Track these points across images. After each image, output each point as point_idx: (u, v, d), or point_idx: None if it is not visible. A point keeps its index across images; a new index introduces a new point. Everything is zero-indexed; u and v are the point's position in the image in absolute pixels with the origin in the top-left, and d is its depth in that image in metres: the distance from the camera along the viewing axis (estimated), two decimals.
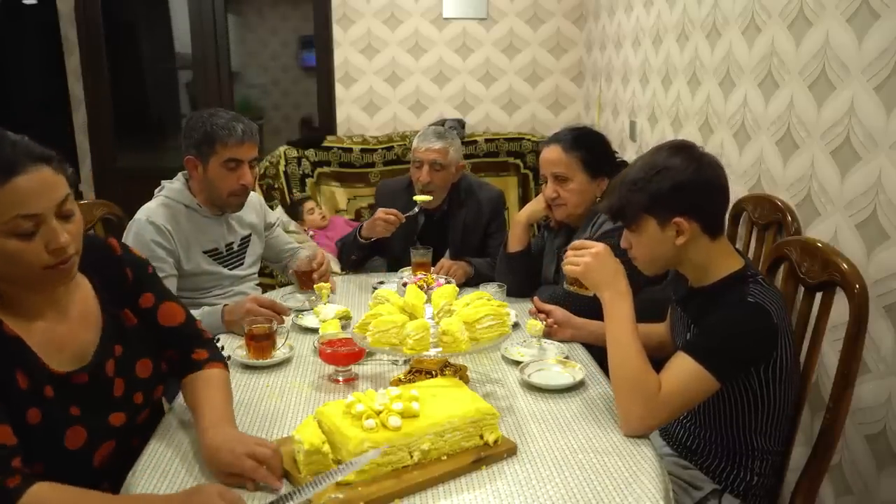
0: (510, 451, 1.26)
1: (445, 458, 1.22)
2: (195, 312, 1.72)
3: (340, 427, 1.18)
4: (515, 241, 2.16)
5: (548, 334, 1.80)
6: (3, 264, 1.10)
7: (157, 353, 1.36)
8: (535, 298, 1.88)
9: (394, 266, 2.51)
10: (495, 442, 1.25)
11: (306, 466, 1.15)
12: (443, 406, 1.25)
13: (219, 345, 1.51)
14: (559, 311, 1.81)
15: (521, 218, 2.17)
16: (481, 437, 1.25)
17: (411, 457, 1.19)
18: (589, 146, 2.02)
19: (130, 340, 1.31)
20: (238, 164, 2.01)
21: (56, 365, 1.18)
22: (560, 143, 2.02)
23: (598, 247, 1.48)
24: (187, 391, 1.38)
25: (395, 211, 2.32)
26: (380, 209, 2.35)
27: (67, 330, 1.22)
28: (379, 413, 1.20)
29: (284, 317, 1.83)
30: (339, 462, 1.16)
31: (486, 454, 1.23)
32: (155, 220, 1.97)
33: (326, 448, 1.16)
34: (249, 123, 2.03)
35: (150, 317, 1.37)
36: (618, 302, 1.42)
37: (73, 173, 1.16)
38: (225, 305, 1.92)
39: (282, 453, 1.19)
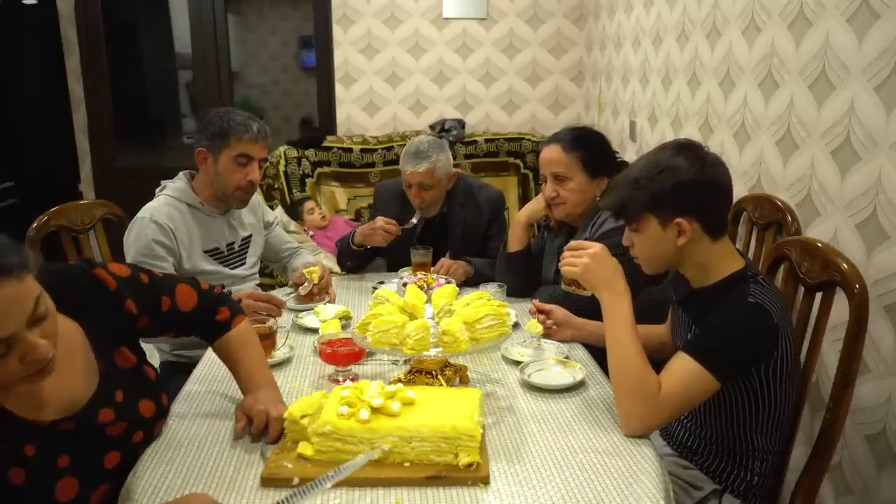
0: (477, 479, 1.16)
1: (408, 464, 1.19)
2: None
3: (325, 407, 1.23)
4: (515, 240, 2.16)
5: (547, 334, 1.80)
6: None
7: (156, 393, 1.32)
8: (535, 300, 1.88)
9: (394, 266, 2.51)
10: (468, 466, 1.17)
11: (289, 434, 1.24)
12: (424, 414, 1.22)
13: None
14: (559, 311, 1.81)
15: (520, 218, 2.17)
16: (457, 455, 1.19)
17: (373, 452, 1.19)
18: (589, 146, 2.02)
19: (130, 383, 1.26)
20: (248, 161, 2.04)
21: (40, 416, 1.11)
22: (560, 142, 2.02)
23: (596, 247, 1.47)
24: (222, 353, 1.47)
25: (394, 221, 2.31)
26: (380, 218, 2.33)
27: (53, 381, 1.10)
28: (358, 402, 1.22)
29: (283, 313, 1.84)
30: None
31: (447, 474, 1.17)
32: (158, 219, 1.98)
33: (305, 421, 1.21)
34: (264, 125, 2.08)
35: (173, 314, 1.37)
36: (616, 302, 1.42)
37: (36, 262, 1.00)
38: None
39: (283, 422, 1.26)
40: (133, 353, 1.30)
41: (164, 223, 1.98)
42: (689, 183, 1.36)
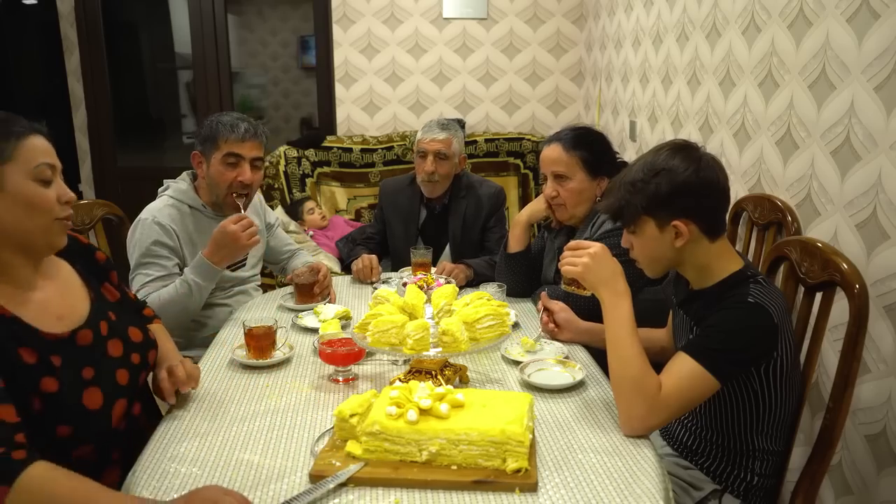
0: (525, 486, 1.14)
1: (455, 468, 1.18)
2: (167, 290, 1.95)
3: (374, 406, 1.25)
4: (515, 241, 2.16)
5: (551, 333, 1.79)
6: (24, 213, 1.21)
7: (142, 323, 1.50)
8: (544, 294, 1.87)
9: (397, 266, 2.53)
10: (516, 472, 1.16)
11: (338, 432, 1.25)
12: (473, 417, 1.21)
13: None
14: (563, 314, 1.80)
15: (521, 218, 2.17)
16: (505, 460, 1.17)
17: (420, 454, 1.19)
18: (589, 145, 2.02)
19: (118, 310, 1.45)
20: (238, 160, 2.04)
21: (59, 329, 1.27)
22: (561, 141, 2.02)
23: (596, 247, 1.47)
24: None
25: (374, 265, 2.33)
26: (364, 256, 2.35)
27: (60, 298, 1.32)
28: (407, 402, 1.22)
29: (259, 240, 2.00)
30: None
31: (493, 479, 1.15)
32: (161, 220, 1.99)
33: (354, 420, 1.22)
34: (256, 125, 2.08)
35: (129, 304, 1.56)
36: (617, 302, 1.42)
37: None
38: (201, 253, 1.97)
39: (180, 370, 1.43)
40: (116, 290, 1.50)
41: (166, 224, 1.99)
42: (685, 185, 1.35)
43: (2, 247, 1.22)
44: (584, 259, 1.46)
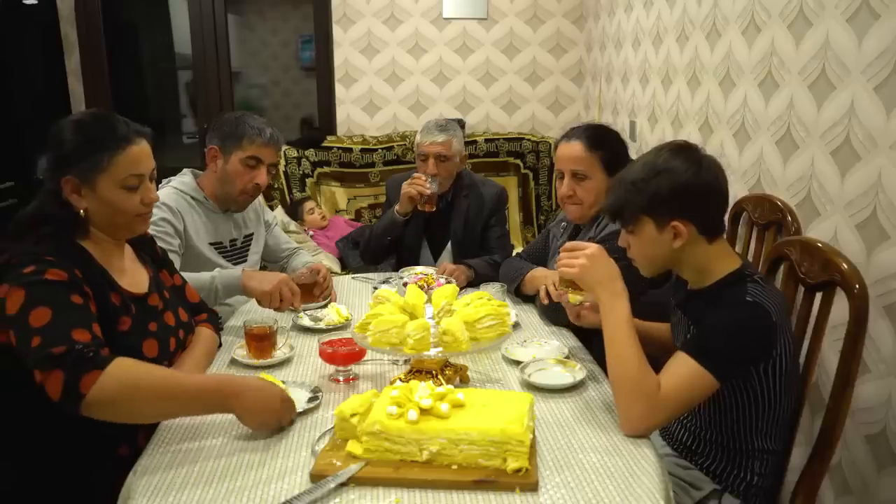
0: (525, 486, 1.14)
1: (456, 467, 1.18)
2: (206, 275, 1.97)
3: (375, 405, 1.26)
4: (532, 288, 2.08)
5: (577, 316, 1.68)
6: (110, 211, 1.44)
7: (188, 308, 1.67)
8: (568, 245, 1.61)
9: (404, 263, 2.53)
10: (516, 472, 1.15)
11: (339, 432, 1.25)
12: (473, 417, 1.21)
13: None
14: (591, 250, 1.51)
15: (536, 274, 2.06)
16: (506, 460, 1.17)
17: (421, 454, 1.19)
18: (609, 145, 1.97)
19: (171, 292, 1.64)
20: (257, 164, 2.08)
21: (136, 290, 1.51)
22: (582, 140, 1.96)
23: (593, 248, 1.47)
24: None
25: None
26: (405, 182, 2.42)
27: (130, 270, 1.55)
28: (408, 402, 1.22)
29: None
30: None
31: (494, 479, 1.15)
32: (168, 203, 2.01)
33: (355, 420, 1.23)
34: (278, 132, 2.12)
35: (180, 290, 1.70)
36: (614, 303, 1.41)
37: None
38: (244, 270, 1.99)
39: None
40: (170, 276, 1.68)
41: (172, 206, 2.02)
42: (685, 186, 1.35)
43: (96, 227, 1.46)
44: (580, 260, 1.46)
